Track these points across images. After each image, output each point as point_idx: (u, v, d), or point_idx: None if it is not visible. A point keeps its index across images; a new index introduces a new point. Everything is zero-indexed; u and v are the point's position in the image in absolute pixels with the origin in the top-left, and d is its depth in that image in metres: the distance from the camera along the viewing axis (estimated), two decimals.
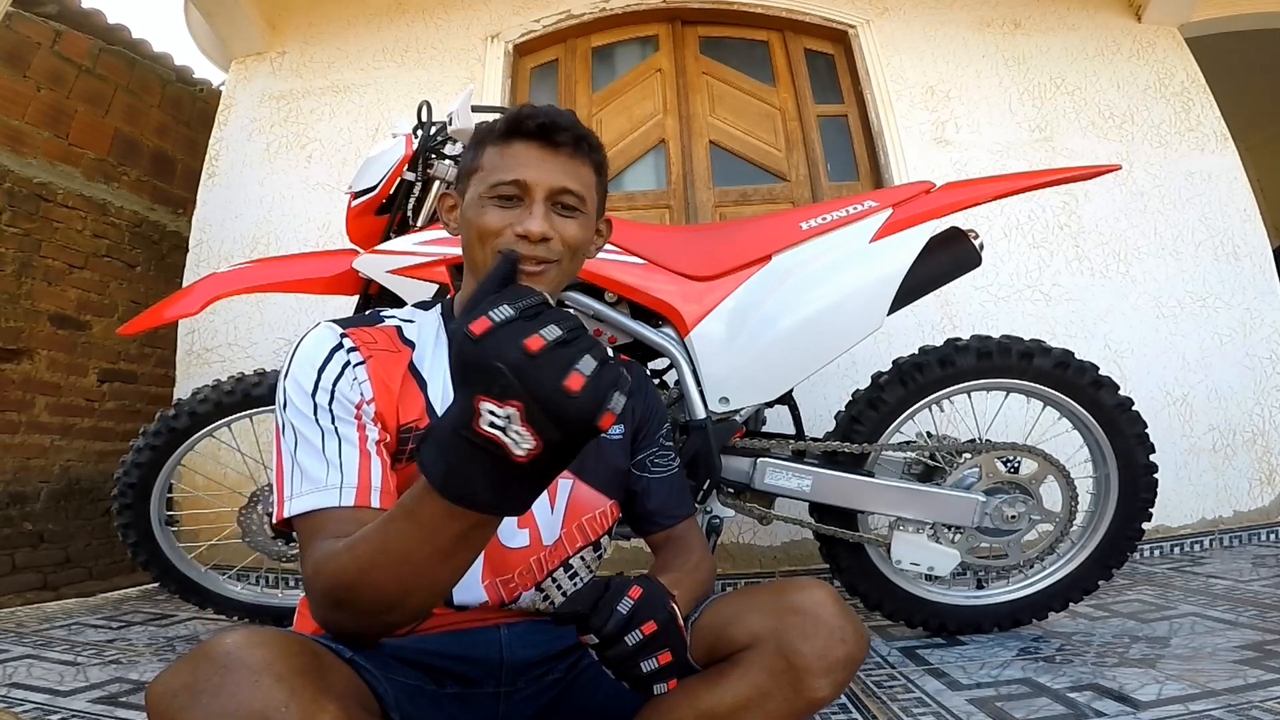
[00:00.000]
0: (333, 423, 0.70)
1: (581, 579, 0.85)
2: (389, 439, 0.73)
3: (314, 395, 0.71)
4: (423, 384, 0.78)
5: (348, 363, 0.74)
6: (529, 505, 0.51)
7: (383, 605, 0.58)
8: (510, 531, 0.78)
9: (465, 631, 0.76)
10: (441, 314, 0.85)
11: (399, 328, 0.82)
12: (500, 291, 0.48)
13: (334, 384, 0.72)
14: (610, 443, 0.87)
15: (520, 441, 0.44)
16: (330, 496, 0.66)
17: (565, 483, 0.82)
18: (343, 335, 0.76)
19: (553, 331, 0.44)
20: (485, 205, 0.78)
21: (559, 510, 0.82)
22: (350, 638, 0.62)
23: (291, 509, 0.67)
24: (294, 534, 0.70)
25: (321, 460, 0.68)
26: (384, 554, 0.55)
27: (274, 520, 0.69)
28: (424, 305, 0.89)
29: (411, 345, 0.80)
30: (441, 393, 0.78)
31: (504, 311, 0.45)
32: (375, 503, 0.67)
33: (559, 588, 0.82)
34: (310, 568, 0.62)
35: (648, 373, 1.01)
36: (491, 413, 0.44)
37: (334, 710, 0.50)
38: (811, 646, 0.66)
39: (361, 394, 0.73)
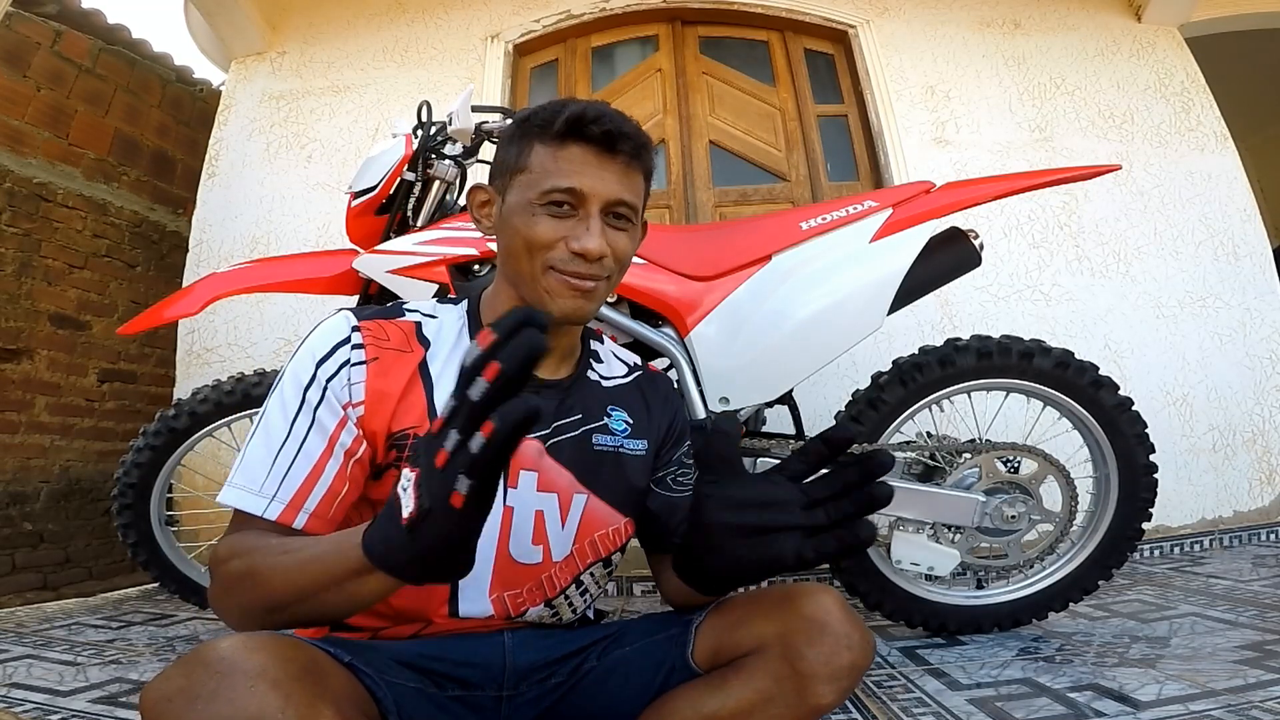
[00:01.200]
0: (307, 429, 0.68)
1: (592, 595, 0.84)
2: (365, 448, 0.71)
3: (305, 390, 0.70)
4: (429, 387, 0.74)
5: (347, 361, 0.72)
6: (404, 575, 0.52)
7: (271, 608, 0.61)
8: (524, 548, 0.76)
9: (468, 636, 0.75)
10: (467, 313, 0.82)
11: (418, 324, 0.78)
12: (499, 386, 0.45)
13: (328, 381, 0.70)
14: (630, 458, 0.83)
15: (406, 504, 0.49)
16: (257, 505, 0.66)
17: (580, 498, 0.79)
18: (354, 329, 0.74)
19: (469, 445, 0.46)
20: (536, 213, 0.72)
21: (571, 526, 0.79)
22: (229, 620, 0.64)
23: (223, 495, 0.68)
24: None
25: (269, 462, 0.67)
26: (293, 579, 0.59)
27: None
28: (452, 300, 0.85)
29: (427, 344, 0.77)
30: (447, 397, 0.76)
31: (451, 435, 0.46)
32: (298, 524, 0.66)
33: (569, 604, 0.81)
34: (225, 549, 0.64)
35: (675, 385, 0.98)
36: (405, 476, 0.50)
37: (330, 716, 0.49)
38: (817, 653, 0.66)
39: (350, 396, 0.71)
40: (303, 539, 0.63)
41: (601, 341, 0.92)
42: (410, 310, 0.80)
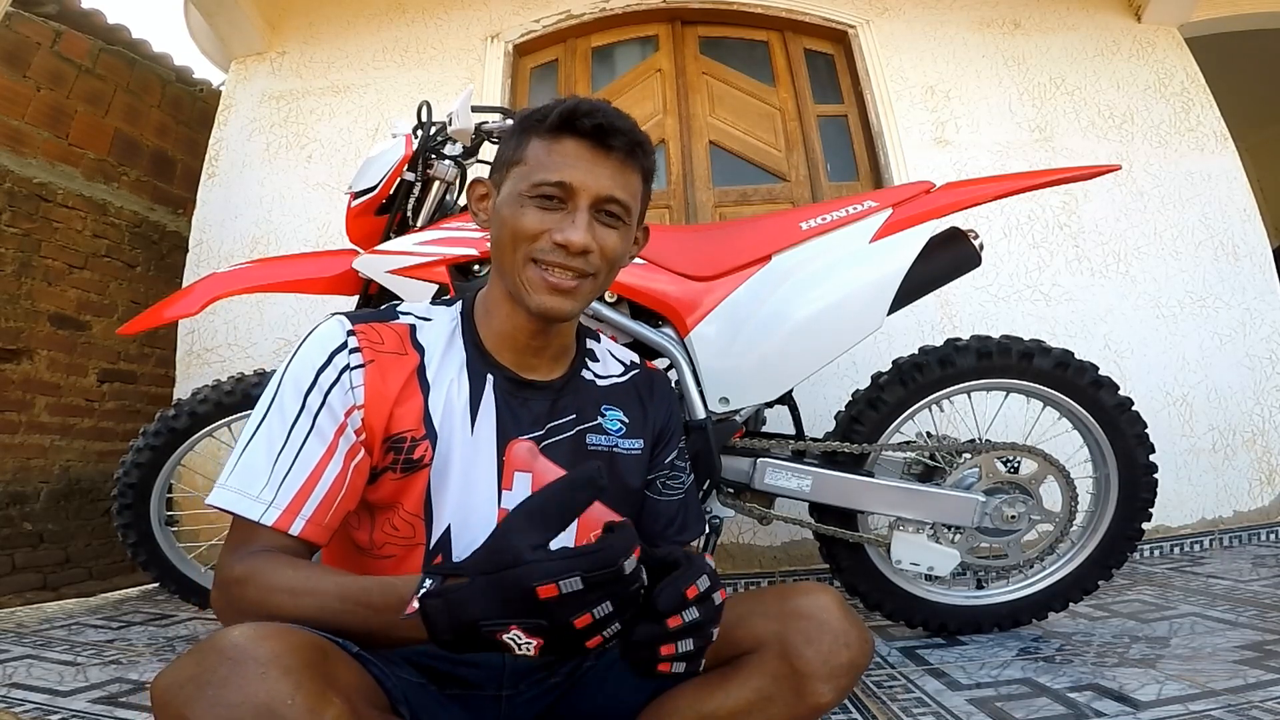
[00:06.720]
0: (307, 433, 0.68)
1: None
2: (364, 455, 0.71)
3: (306, 395, 0.69)
4: (425, 392, 0.75)
5: (346, 366, 0.72)
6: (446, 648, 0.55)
7: None
8: None
9: None
10: (461, 314, 0.82)
11: (413, 327, 0.79)
12: (583, 552, 0.51)
13: (329, 388, 0.70)
14: (625, 457, 0.84)
15: (525, 650, 0.51)
16: (254, 510, 0.65)
17: None
18: (349, 333, 0.74)
19: (605, 610, 0.50)
20: (525, 204, 0.73)
21: (569, 527, 0.79)
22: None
23: (215, 497, 0.67)
24: None
25: (268, 467, 0.67)
26: (320, 621, 0.58)
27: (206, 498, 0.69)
28: (447, 301, 0.85)
29: (422, 350, 0.77)
30: (443, 402, 0.75)
31: (573, 584, 0.49)
32: (295, 530, 0.66)
33: None
34: (241, 569, 0.63)
35: (673, 385, 0.97)
36: (516, 637, 0.51)
37: (339, 704, 0.50)
38: (815, 651, 0.66)
39: (354, 399, 0.71)
40: (320, 577, 0.62)
41: (598, 340, 0.92)
42: (404, 313, 0.80)
